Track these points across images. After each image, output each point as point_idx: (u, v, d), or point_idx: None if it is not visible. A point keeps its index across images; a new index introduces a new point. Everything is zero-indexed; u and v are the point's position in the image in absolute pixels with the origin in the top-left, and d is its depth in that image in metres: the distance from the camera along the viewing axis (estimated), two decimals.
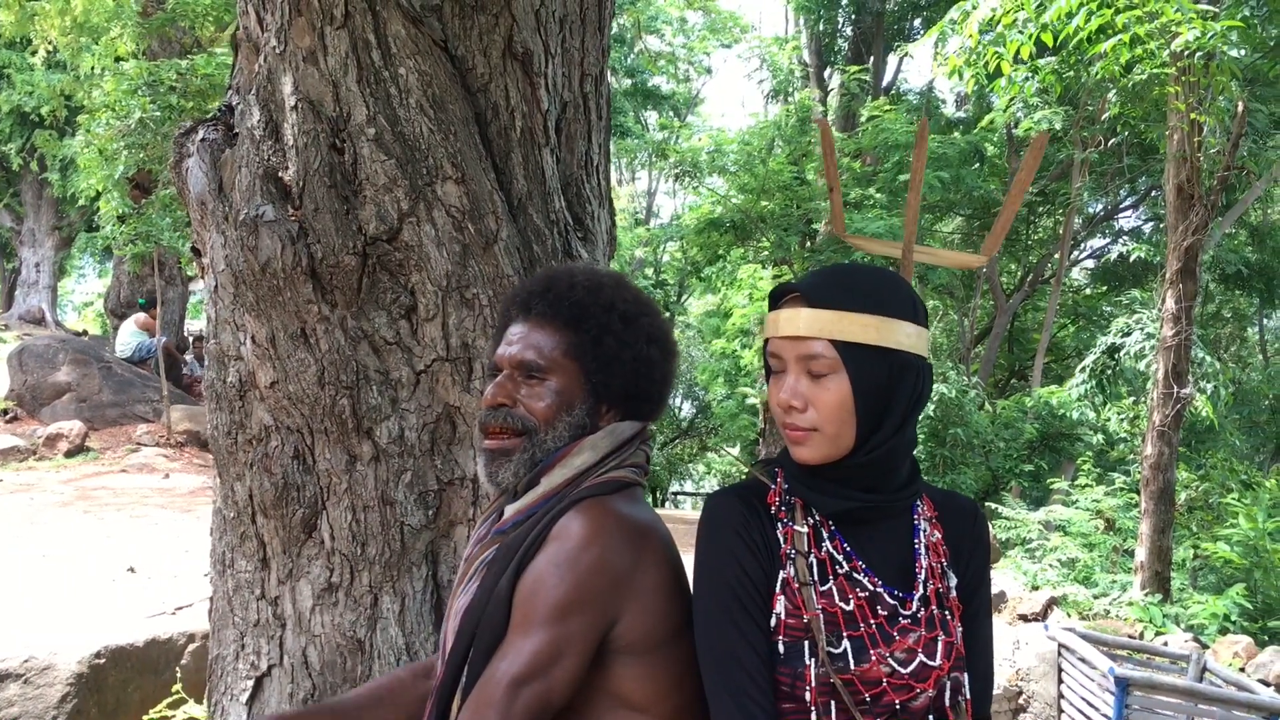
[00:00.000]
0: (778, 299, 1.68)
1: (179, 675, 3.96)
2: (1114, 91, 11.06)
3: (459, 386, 2.47)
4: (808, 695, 1.55)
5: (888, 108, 14.98)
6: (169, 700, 3.64)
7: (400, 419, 2.46)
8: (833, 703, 1.56)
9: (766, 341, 1.68)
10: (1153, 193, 17.12)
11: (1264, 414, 14.68)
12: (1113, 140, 13.31)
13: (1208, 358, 10.64)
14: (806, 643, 1.57)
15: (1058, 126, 12.27)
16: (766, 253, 16.30)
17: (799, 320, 1.60)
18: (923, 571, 1.67)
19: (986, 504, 11.16)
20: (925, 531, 1.71)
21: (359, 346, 2.45)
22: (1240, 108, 8.03)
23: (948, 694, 1.62)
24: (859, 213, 14.39)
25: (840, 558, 1.64)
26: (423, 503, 2.48)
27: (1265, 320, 20.73)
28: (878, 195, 14.80)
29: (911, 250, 1.92)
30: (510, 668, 1.56)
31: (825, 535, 1.65)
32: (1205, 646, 6.77)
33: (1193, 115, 8.04)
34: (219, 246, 2.51)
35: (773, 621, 1.59)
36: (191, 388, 14.45)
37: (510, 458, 1.76)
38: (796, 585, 1.60)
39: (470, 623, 1.67)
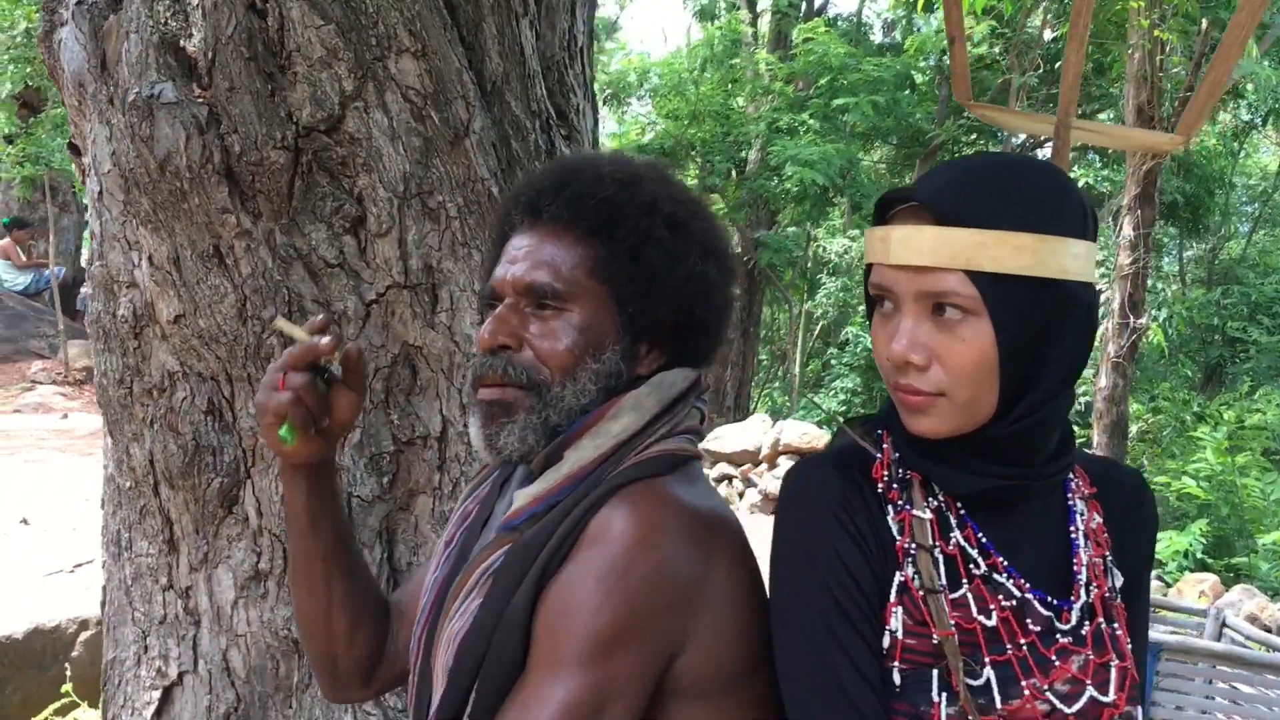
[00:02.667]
0: (887, 208, 1.18)
1: (68, 672, 3.39)
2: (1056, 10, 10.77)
3: (420, 321, 1.94)
4: None
5: (823, 29, 14.47)
6: (57, 705, 3.09)
7: None
8: None
9: (869, 269, 1.19)
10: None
11: (1194, 343, 14.67)
12: (1050, 65, 13.03)
13: (1158, 284, 10.47)
14: (935, 672, 1.14)
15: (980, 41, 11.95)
16: (695, 181, 15.82)
17: (922, 242, 1.10)
18: (1083, 570, 1.23)
19: None
20: (1082, 516, 1.26)
21: (291, 269, 1.89)
22: (1205, 25, 7.71)
23: None
24: (791, 139, 13.94)
25: (975, 553, 1.20)
26: (375, 468, 1.97)
27: (1185, 251, 20.88)
28: (811, 121, 14.33)
29: (1068, 126, 1.39)
30: None
31: (953, 522, 1.20)
32: (1168, 585, 6.57)
33: (1156, 32, 7.71)
34: (104, 140, 1.93)
35: (886, 641, 1.15)
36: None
37: (513, 415, 1.24)
38: (920, 592, 1.15)
39: (472, 656, 1.18)
